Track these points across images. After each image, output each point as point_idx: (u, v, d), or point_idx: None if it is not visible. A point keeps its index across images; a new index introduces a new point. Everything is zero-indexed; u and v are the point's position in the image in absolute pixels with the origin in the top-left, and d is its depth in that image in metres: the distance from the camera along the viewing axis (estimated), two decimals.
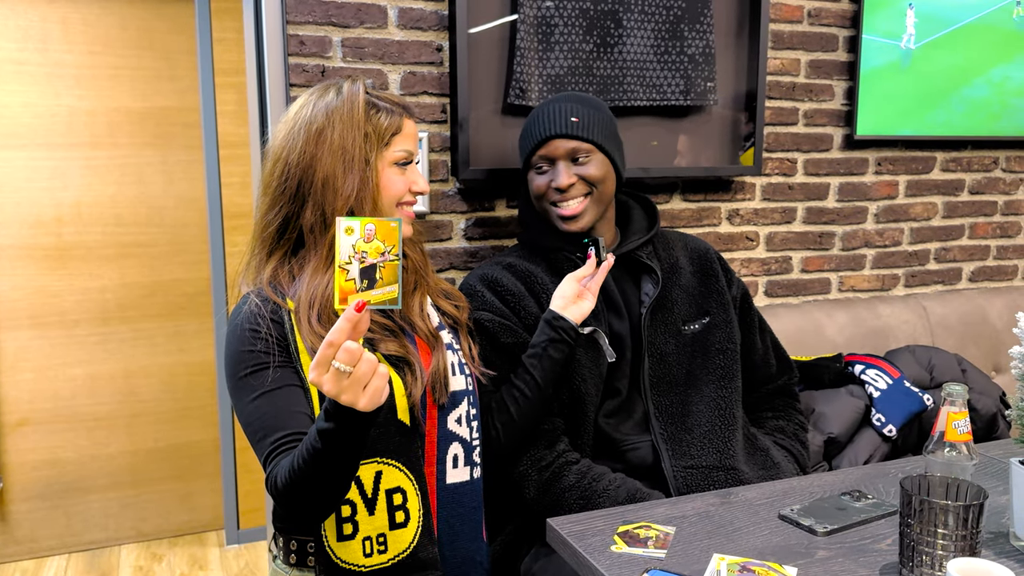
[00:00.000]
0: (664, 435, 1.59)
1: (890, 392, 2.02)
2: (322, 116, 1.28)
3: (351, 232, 1.04)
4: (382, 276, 1.04)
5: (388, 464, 1.23)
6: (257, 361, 1.22)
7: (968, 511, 1.08)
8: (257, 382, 1.21)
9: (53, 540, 3.07)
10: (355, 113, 1.28)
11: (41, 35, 2.88)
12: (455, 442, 1.34)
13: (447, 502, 1.32)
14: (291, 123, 1.31)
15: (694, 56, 2.10)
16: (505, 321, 1.59)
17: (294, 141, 1.28)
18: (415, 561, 1.24)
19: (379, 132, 1.30)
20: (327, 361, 0.99)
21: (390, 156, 1.32)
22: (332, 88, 1.32)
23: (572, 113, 1.59)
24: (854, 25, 2.34)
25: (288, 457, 1.14)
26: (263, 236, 1.32)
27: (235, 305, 1.30)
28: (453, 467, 1.34)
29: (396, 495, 1.23)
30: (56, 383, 3.01)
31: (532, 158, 1.64)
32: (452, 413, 1.34)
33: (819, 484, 1.46)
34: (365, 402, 1.02)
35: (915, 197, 2.53)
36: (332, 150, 1.27)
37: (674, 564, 1.17)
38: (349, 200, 1.27)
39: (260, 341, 1.22)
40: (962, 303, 2.50)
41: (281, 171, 1.29)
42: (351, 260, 1.03)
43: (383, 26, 1.89)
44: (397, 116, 1.33)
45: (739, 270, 2.35)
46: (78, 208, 2.98)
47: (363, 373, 1.00)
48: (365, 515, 1.22)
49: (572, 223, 1.60)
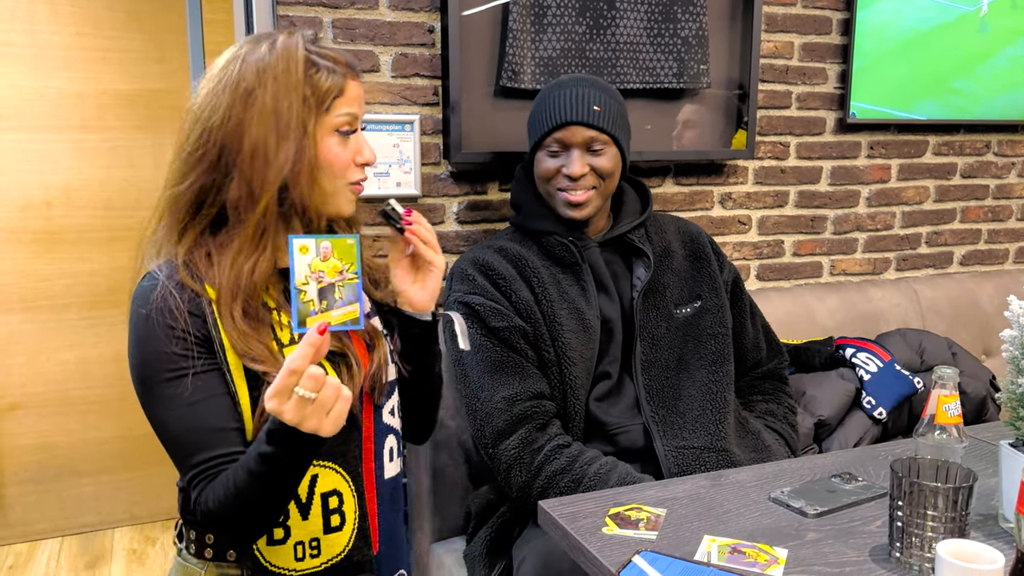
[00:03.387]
0: (655, 418, 1.60)
1: (881, 375, 2.03)
2: (252, 74, 1.08)
3: (306, 251, 0.97)
4: (341, 296, 0.98)
5: (326, 467, 1.14)
6: (175, 366, 1.05)
7: (957, 493, 1.09)
8: (176, 391, 1.05)
9: (46, 523, 3.07)
10: (292, 72, 1.08)
11: (28, 16, 2.84)
12: (390, 435, 1.25)
13: (386, 496, 1.23)
14: (215, 80, 1.11)
15: (687, 39, 2.09)
16: (496, 305, 1.59)
17: (217, 101, 1.09)
18: (349, 564, 1.17)
19: (319, 95, 1.10)
20: (288, 389, 0.91)
21: (331, 122, 1.12)
22: (265, 41, 1.11)
23: (595, 101, 1.57)
24: (848, 8, 2.33)
25: (216, 482, 1.04)
26: (174, 207, 1.13)
27: (139, 284, 1.11)
28: (389, 460, 1.24)
29: (332, 498, 1.15)
30: (47, 367, 3.00)
31: (546, 139, 1.61)
32: (386, 405, 1.24)
33: (809, 466, 1.47)
34: (328, 428, 0.95)
35: (907, 181, 2.54)
36: (263, 115, 1.07)
37: (665, 546, 1.17)
38: (282, 172, 1.08)
39: (177, 341, 1.05)
40: (953, 287, 2.51)
41: (199, 135, 1.10)
42: (308, 280, 0.97)
43: (374, 7, 1.88)
44: (339, 76, 1.12)
45: (731, 254, 2.35)
46: (67, 191, 2.95)
47: (327, 397, 0.93)
48: (299, 520, 1.12)
49: (577, 210, 1.60)
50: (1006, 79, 2.53)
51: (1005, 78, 2.53)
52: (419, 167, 1.94)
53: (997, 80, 2.52)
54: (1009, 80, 2.53)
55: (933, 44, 2.41)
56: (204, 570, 1.15)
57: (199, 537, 1.15)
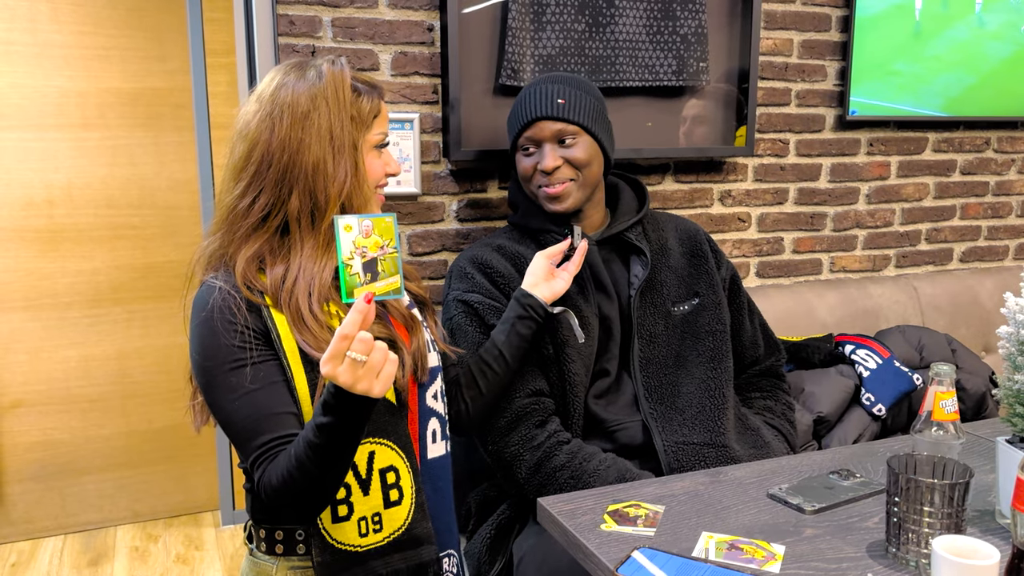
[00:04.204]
0: (654, 414, 1.60)
1: (880, 372, 2.04)
2: (306, 99, 1.23)
3: (350, 229, 1.06)
4: (383, 269, 1.08)
5: (380, 443, 1.23)
6: (235, 357, 1.17)
7: (954, 490, 1.09)
8: (237, 380, 1.16)
9: (49, 521, 3.08)
10: (341, 96, 1.25)
11: (29, 15, 2.85)
12: (433, 417, 1.36)
13: (429, 476, 1.33)
14: (269, 104, 1.25)
15: (686, 36, 2.10)
16: (494, 303, 1.60)
17: (276, 124, 1.23)
18: (410, 538, 1.25)
19: (362, 115, 1.27)
20: (341, 353, 1.00)
21: (371, 139, 1.29)
22: (311, 69, 1.27)
23: (559, 95, 1.59)
24: (847, 5, 2.33)
25: (278, 460, 1.13)
26: (232, 220, 1.25)
27: (198, 292, 1.24)
28: (432, 442, 1.35)
29: (390, 474, 1.23)
30: (50, 365, 3.01)
31: (519, 139, 1.63)
32: (429, 389, 1.35)
33: (808, 463, 1.48)
34: (379, 389, 1.04)
35: (907, 178, 2.54)
36: (320, 135, 1.22)
37: (663, 542, 1.18)
38: (342, 186, 1.23)
39: (236, 335, 1.17)
40: (953, 283, 2.51)
41: (260, 155, 1.23)
42: (353, 256, 1.07)
43: (373, 6, 1.88)
44: (376, 98, 1.30)
45: (731, 251, 2.35)
46: (69, 190, 2.96)
47: (376, 360, 1.02)
48: (360, 496, 1.22)
49: (558, 203, 1.60)
50: (948, 60, 2.47)
51: (947, 59, 2.47)
52: (419, 165, 1.95)
53: (938, 61, 2.46)
54: (950, 61, 2.47)
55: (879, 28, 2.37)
56: (276, 566, 1.24)
57: (269, 534, 1.24)
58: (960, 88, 2.49)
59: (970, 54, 2.47)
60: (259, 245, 1.24)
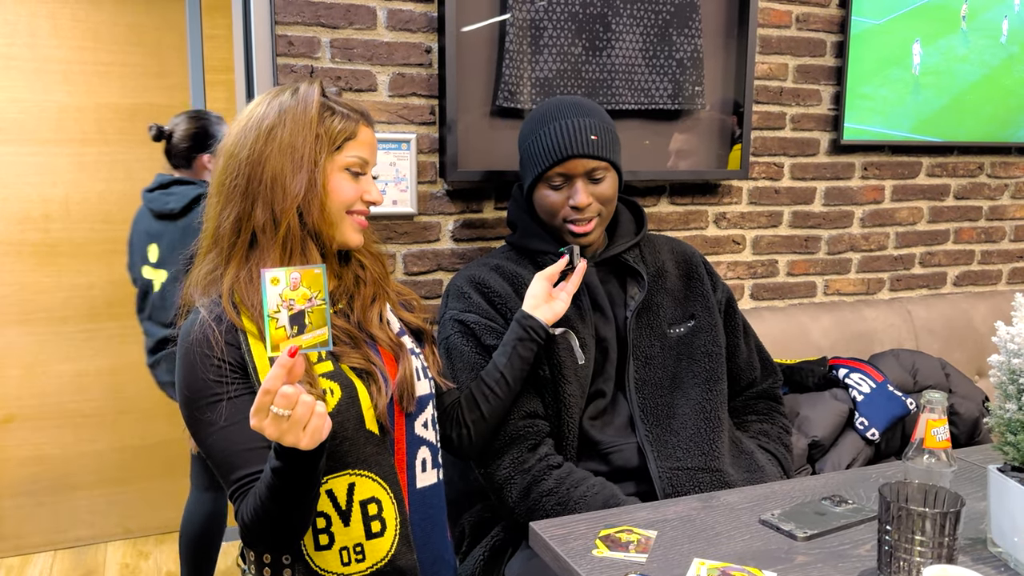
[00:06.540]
0: (649, 437, 1.60)
1: (873, 396, 2.04)
2: (274, 114, 1.26)
3: (276, 282, 1.05)
4: (311, 321, 1.07)
5: (361, 475, 1.23)
6: (212, 392, 1.18)
7: (945, 518, 1.09)
8: (213, 416, 1.18)
9: (39, 537, 3.07)
10: (307, 113, 1.26)
11: (29, 30, 2.86)
12: (423, 446, 1.35)
13: (418, 506, 1.33)
14: (244, 121, 1.28)
15: (682, 60, 2.11)
16: (491, 323, 1.60)
17: (245, 138, 1.25)
18: (394, 569, 1.25)
19: (331, 135, 1.27)
20: (265, 407, 1.01)
21: (342, 160, 1.29)
22: (288, 89, 1.30)
23: (591, 130, 1.58)
24: (842, 31, 2.35)
25: (249, 495, 1.15)
26: (216, 238, 1.27)
27: (185, 321, 1.25)
28: (422, 471, 1.34)
29: (371, 505, 1.23)
30: (43, 379, 3.00)
31: (547, 173, 1.62)
32: (419, 418, 1.35)
33: (800, 489, 1.47)
34: (307, 441, 1.04)
35: (901, 202, 2.55)
36: (281, 148, 1.24)
37: (655, 568, 1.18)
38: (296, 200, 1.23)
39: (212, 368, 1.18)
40: (947, 307, 2.52)
41: (232, 168, 1.25)
42: (279, 308, 1.05)
43: (372, 27, 1.89)
44: (353, 122, 1.30)
45: (725, 273, 2.36)
46: (67, 204, 2.97)
47: (301, 415, 1.02)
48: (340, 527, 1.22)
49: (584, 237, 1.62)
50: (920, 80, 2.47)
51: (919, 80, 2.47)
52: (415, 185, 1.96)
53: (905, 84, 2.46)
54: (923, 82, 2.48)
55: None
56: None
57: (258, 558, 1.27)
58: (930, 110, 2.49)
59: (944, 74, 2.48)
60: (239, 261, 1.25)
